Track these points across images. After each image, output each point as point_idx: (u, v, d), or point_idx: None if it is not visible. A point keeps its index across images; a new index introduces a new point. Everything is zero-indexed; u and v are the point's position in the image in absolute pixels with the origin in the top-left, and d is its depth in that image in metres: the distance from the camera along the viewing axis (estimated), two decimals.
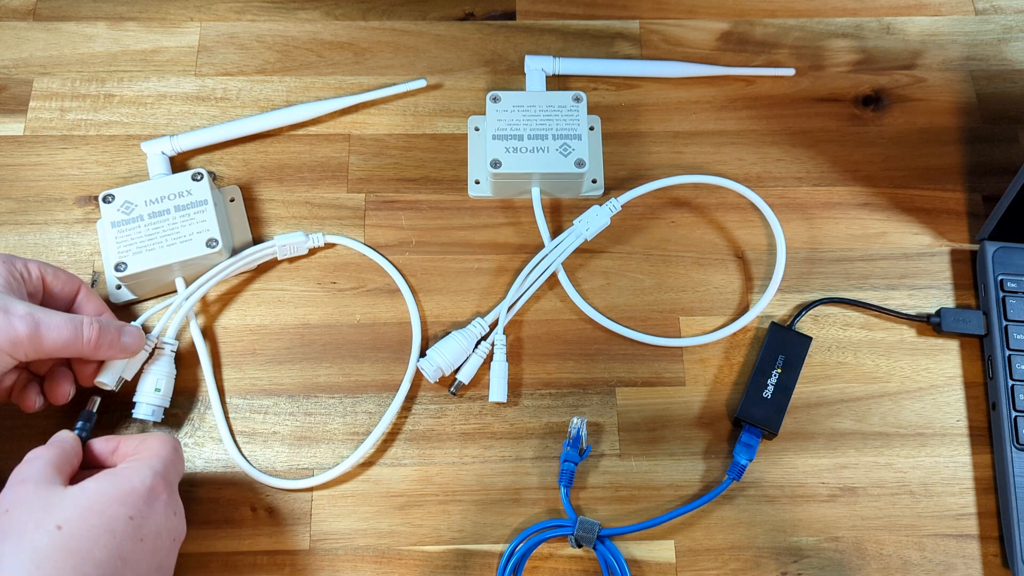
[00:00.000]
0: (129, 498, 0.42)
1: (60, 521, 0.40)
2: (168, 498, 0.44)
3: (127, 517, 0.42)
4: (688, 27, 0.66)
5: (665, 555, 0.51)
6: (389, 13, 0.66)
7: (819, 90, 0.64)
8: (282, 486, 0.52)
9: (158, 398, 0.52)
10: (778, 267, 0.57)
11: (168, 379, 0.53)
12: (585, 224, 0.57)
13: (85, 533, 0.40)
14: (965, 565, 0.51)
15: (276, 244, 0.56)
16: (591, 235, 0.57)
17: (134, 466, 0.44)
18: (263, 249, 0.56)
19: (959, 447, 0.54)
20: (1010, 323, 0.55)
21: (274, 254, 0.57)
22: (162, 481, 0.44)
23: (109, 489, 0.42)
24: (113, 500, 0.42)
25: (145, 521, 0.42)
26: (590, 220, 0.57)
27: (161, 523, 0.43)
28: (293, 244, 0.57)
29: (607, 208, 0.57)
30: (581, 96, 0.59)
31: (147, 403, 0.52)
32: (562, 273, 0.57)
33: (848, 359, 0.56)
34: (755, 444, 0.53)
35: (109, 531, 0.41)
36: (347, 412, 0.54)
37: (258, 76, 0.64)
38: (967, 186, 0.61)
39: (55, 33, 0.65)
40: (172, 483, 0.45)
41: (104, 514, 0.41)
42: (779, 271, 0.57)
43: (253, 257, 0.56)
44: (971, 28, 0.67)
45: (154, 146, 0.59)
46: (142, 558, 0.42)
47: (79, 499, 0.42)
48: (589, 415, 0.55)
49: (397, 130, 0.62)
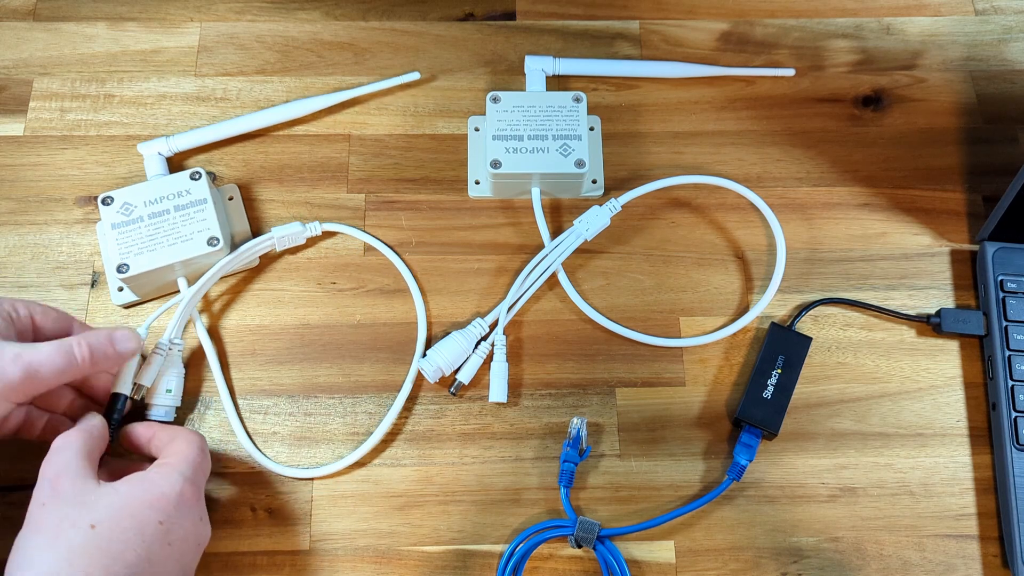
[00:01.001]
0: (159, 503, 0.43)
1: (94, 520, 0.41)
2: (196, 504, 0.45)
3: (157, 522, 0.43)
4: (688, 27, 0.66)
5: (665, 555, 0.51)
6: (389, 13, 0.66)
7: (819, 90, 0.64)
8: (299, 475, 0.52)
9: (170, 399, 0.53)
10: (778, 267, 0.57)
11: (178, 379, 0.53)
12: (585, 224, 0.57)
13: (117, 535, 0.41)
14: (965, 565, 0.51)
15: (275, 236, 0.57)
16: (591, 235, 0.57)
17: (164, 471, 0.45)
18: (262, 241, 0.56)
19: (959, 447, 0.54)
20: (1010, 323, 0.55)
21: (273, 245, 0.57)
22: (191, 487, 0.45)
23: (141, 494, 0.43)
24: (144, 504, 0.43)
25: (174, 526, 0.43)
26: (590, 220, 0.57)
27: (188, 528, 0.44)
28: (291, 235, 0.57)
29: (607, 208, 0.57)
30: (581, 96, 0.59)
31: (160, 404, 0.52)
32: (562, 273, 0.57)
33: (848, 359, 0.56)
34: (755, 444, 0.53)
35: (139, 534, 0.42)
36: (347, 412, 0.54)
37: (258, 76, 0.64)
38: (967, 186, 0.61)
39: (55, 33, 0.65)
40: (200, 488, 0.46)
41: (136, 517, 0.42)
42: (779, 271, 0.57)
43: (254, 250, 0.56)
44: (971, 28, 0.67)
45: (151, 147, 0.59)
46: (168, 561, 0.43)
47: (113, 500, 0.43)
48: (589, 415, 0.55)
49: (397, 130, 0.62)
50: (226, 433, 0.54)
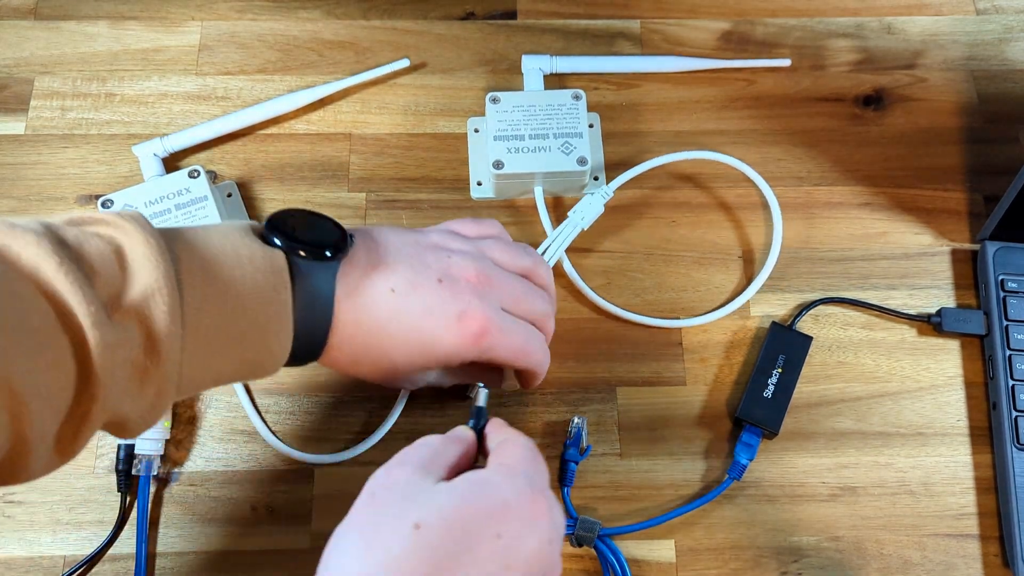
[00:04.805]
0: (499, 512, 0.35)
1: (419, 519, 0.35)
2: (549, 523, 0.37)
3: (494, 535, 0.35)
4: (689, 27, 0.66)
5: (665, 554, 0.51)
6: (390, 12, 0.66)
7: (820, 90, 0.64)
8: (323, 461, 0.52)
9: (165, 431, 0.53)
10: (775, 241, 0.57)
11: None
12: (580, 214, 0.57)
13: (442, 545, 0.34)
14: (965, 565, 0.51)
15: None
16: (587, 224, 0.57)
17: (504, 472, 0.38)
18: None
19: (959, 447, 0.54)
20: (1011, 323, 0.55)
21: None
22: (540, 497, 0.37)
23: (477, 497, 0.36)
24: (481, 512, 0.35)
25: (515, 542, 0.35)
26: (584, 210, 0.57)
27: (534, 551, 0.36)
28: None
29: (599, 195, 0.57)
30: (580, 94, 0.59)
31: (155, 438, 0.52)
32: (567, 262, 0.57)
33: (849, 359, 0.56)
34: (756, 444, 0.53)
35: (468, 548, 0.34)
36: (347, 412, 0.54)
37: (259, 75, 0.64)
38: (968, 186, 0.61)
39: (56, 32, 0.65)
40: (553, 503, 0.38)
41: (468, 525, 0.35)
42: (776, 244, 0.57)
43: None
44: (972, 28, 0.67)
45: (146, 148, 0.59)
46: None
47: (445, 501, 0.36)
48: (589, 415, 0.55)
49: (398, 129, 0.62)
50: (226, 432, 0.54)
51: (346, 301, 0.42)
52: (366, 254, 0.43)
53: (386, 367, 0.44)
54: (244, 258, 0.39)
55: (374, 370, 0.45)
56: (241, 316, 0.38)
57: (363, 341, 0.43)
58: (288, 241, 0.40)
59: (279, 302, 0.39)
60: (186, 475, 0.53)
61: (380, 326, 0.43)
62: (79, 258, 0.35)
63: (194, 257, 0.38)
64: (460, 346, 0.44)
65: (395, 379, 0.47)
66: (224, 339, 0.38)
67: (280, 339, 0.40)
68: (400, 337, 0.43)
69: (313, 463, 0.53)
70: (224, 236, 0.39)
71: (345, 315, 0.42)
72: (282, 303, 0.39)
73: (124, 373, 0.35)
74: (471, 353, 0.44)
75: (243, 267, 0.38)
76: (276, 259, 0.39)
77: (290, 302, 0.39)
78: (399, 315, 0.43)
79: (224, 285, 0.38)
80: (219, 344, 0.38)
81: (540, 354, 0.48)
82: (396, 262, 0.43)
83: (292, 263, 0.40)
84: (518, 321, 0.46)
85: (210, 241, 0.39)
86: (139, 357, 0.35)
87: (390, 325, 0.43)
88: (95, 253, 0.35)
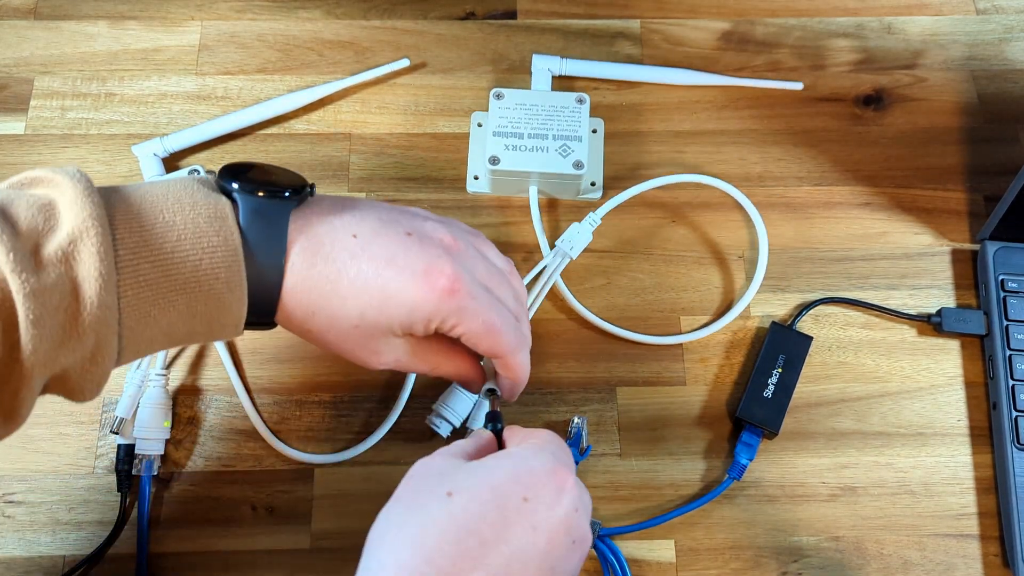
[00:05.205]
0: (525, 478, 0.38)
1: (451, 488, 0.37)
2: (577, 493, 0.39)
3: (521, 498, 0.37)
4: (689, 27, 0.66)
5: (665, 554, 0.51)
6: (390, 12, 0.66)
7: (820, 90, 0.64)
8: (323, 461, 0.52)
9: (166, 431, 0.53)
10: (762, 248, 0.57)
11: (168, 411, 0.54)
12: (568, 244, 0.56)
13: (473, 507, 0.36)
14: (965, 565, 0.51)
15: None
16: (576, 253, 0.57)
17: (530, 446, 0.40)
18: None
19: (960, 447, 0.54)
20: (1011, 323, 0.55)
21: None
22: (565, 470, 0.39)
23: (505, 464, 0.38)
24: (508, 478, 0.38)
25: (541, 507, 0.37)
26: (572, 239, 0.57)
27: (561, 517, 0.38)
28: None
29: (587, 223, 0.57)
30: (584, 98, 0.59)
31: (156, 438, 0.52)
32: (561, 284, 0.57)
33: (849, 359, 0.56)
34: (756, 444, 0.53)
35: (498, 508, 0.36)
36: (347, 412, 0.54)
37: (259, 75, 0.64)
38: (968, 186, 0.61)
39: (56, 32, 0.65)
40: (575, 478, 0.40)
41: (497, 490, 0.37)
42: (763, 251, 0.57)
43: None
44: (972, 28, 0.67)
45: (146, 148, 0.59)
46: (531, 549, 0.37)
47: (475, 471, 0.38)
48: (589, 415, 0.55)
49: (398, 129, 0.62)
50: (226, 432, 0.54)
51: (302, 241, 0.40)
52: (331, 203, 0.42)
53: (342, 324, 0.41)
54: (187, 205, 0.38)
55: (330, 327, 0.42)
56: (183, 263, 0.37)
57: (319, 288, 0.40)
58: (243, 183, 0.39)
59: (226, 248, 0.38)
60: (186, 475, 0.53)
61: (337, 269, 0.40)
62: (3, 214, 0.34)
63: (131, 204, 0.37)
64: (424, 301, 0.41)
65: (353, 344, 0.43)
66: (167, 288, 0.37)
67: (232, 288, 0.38)
68: (359, 284, 0.41)
69: (313, 463, 0.53)
70: (168, 186, 0.39)
71: (299, 256, 0.40)
72: (230, 249, 0.38)
73: (55, 321, 0.34)
74: (436, 314, 0.41)
75: (184, 213, 0.37)
76: (221, 205, 0.38)
77: (239, 248, 0.38)
78: (358, 259, 0.40)
79: (164, 229, 0.37)
80: (162, 292, 0.37)
81: (513, 340, 0.43)
82: (363, 212, 0.42)
83: (247, 209, 0.39)
84: (492, 295, 0.43)
85: (152, 190, 0.38)
86: (71, 303, 0.34)
87: (348, 269, 0.40)
88: (23, 207, 0.35)
